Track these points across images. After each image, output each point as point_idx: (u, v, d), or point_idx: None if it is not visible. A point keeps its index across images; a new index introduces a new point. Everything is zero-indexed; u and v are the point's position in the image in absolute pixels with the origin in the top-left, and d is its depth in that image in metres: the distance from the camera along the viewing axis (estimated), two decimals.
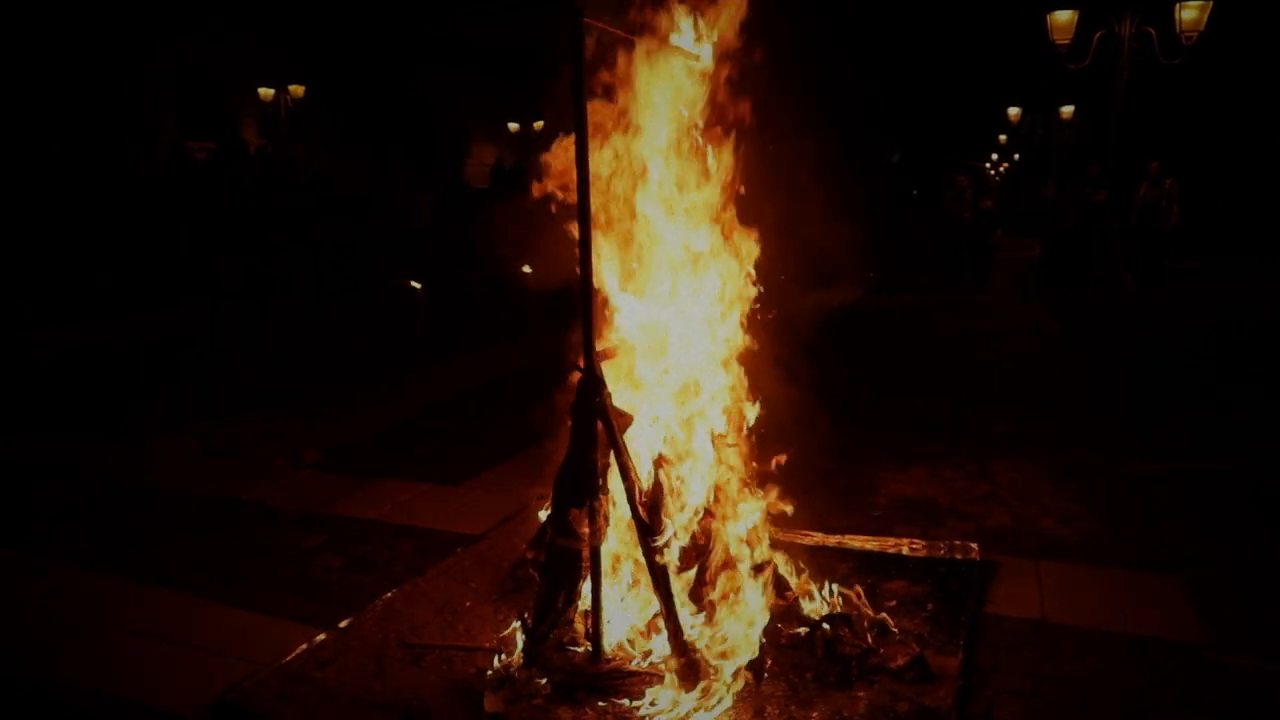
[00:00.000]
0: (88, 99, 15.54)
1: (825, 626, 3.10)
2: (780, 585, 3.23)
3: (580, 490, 2.83)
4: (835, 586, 3.41)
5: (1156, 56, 11.78)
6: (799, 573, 3.47)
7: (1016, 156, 43.81)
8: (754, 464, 3.59)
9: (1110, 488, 4.90)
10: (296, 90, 24.11)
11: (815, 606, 3.25)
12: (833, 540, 4.19)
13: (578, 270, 2.72)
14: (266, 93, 24.08)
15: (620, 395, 3.10)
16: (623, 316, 3.13)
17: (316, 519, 4.60)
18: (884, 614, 3.24)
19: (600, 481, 2.85)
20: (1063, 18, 12.07)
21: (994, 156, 45.52)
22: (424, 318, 9.00)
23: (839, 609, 3.25)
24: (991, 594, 3.68)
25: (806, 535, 4.23)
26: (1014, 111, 25.54)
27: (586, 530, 2.85)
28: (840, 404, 6.84)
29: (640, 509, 2.80)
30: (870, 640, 3.12)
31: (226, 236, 10.49)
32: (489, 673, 3.04)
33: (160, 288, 10.24)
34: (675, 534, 2.88)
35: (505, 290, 9.84)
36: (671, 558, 2.88)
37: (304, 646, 3.28)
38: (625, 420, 2.86)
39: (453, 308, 8.74)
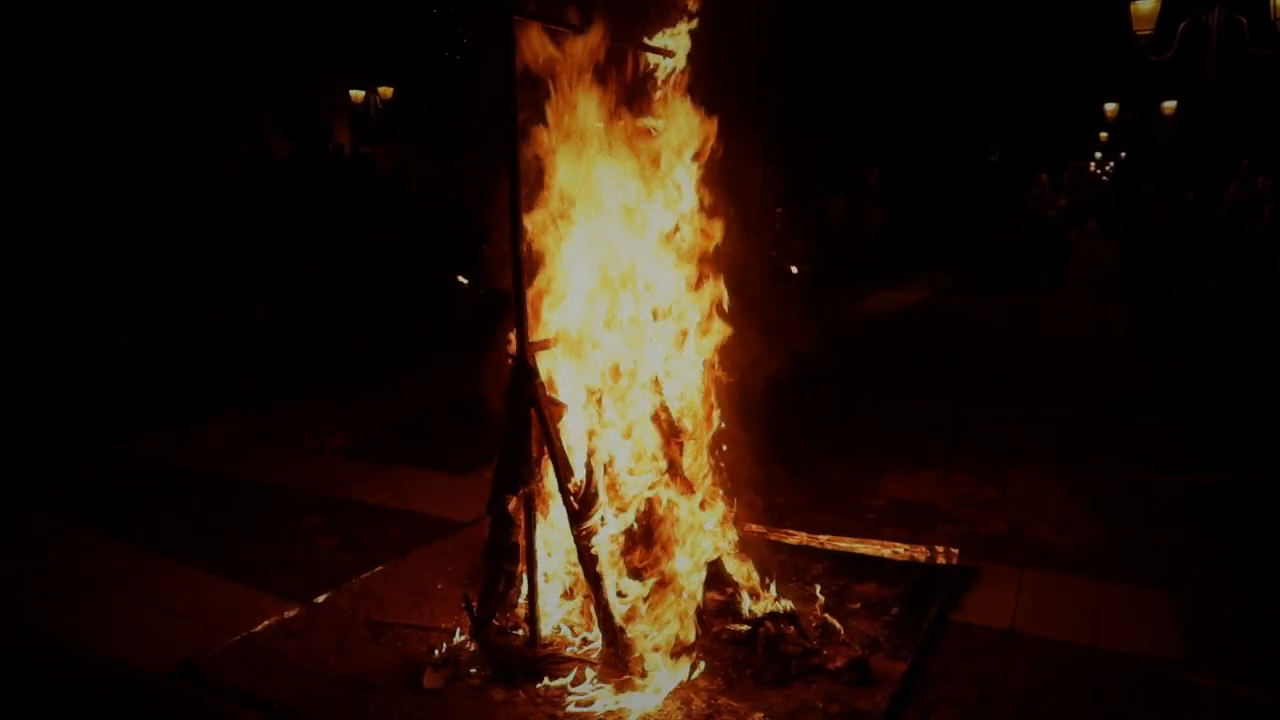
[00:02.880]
0: (186, 98, 16.45)
1: (769, 624, 3.08)
2: (723, 580, 3.22)
3: (514, 477, 2.90)
4: (780, 584, 3.38)
5: (1247, 47, 11.08)
6: (758, 569, 3.45)
7: (1123, 155, 41.89)
8: (720, 460, 3.59)
9: (1122, 498, 4.68)
10: (385, 91, 25.00)
11: (762, 604, 3.23)
12: (815, 540, 4.15)
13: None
14: (357, 94, 25.04)
15: (568, 385, 3.16)
16: (573, 305, 3.18)
17: (322, 501, 4.80)
18: (828, 614, 3.20)
19: (535, 469, 2.91)
20: (1145, 7, 11.46)
21: (1098, 155, 43.69)
22: (464, 312, 9.22)
23: (788, 608, 3.23)
24: (965, 601, 3.59)
25: (789, 534, 4.21)
26: (1110, 107, 24.39)
27: (522, 516, 2.92)
28: (860, 405, 6.77)
29: (570, 496, 2.85)
30: (815, 641, 3.10)
31: (294, 234, 10.98)
32: (436, 652, 3.14)
33: (226, 284, 10.81)
34: (604, 521, 2.91)
35: None
36: (603, 545, 2.91)
37: (273, 619, 3.45)
38: (559, 410, 2.92)
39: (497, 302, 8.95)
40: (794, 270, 8.70)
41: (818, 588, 3.54)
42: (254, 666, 3.15)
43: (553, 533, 3.14)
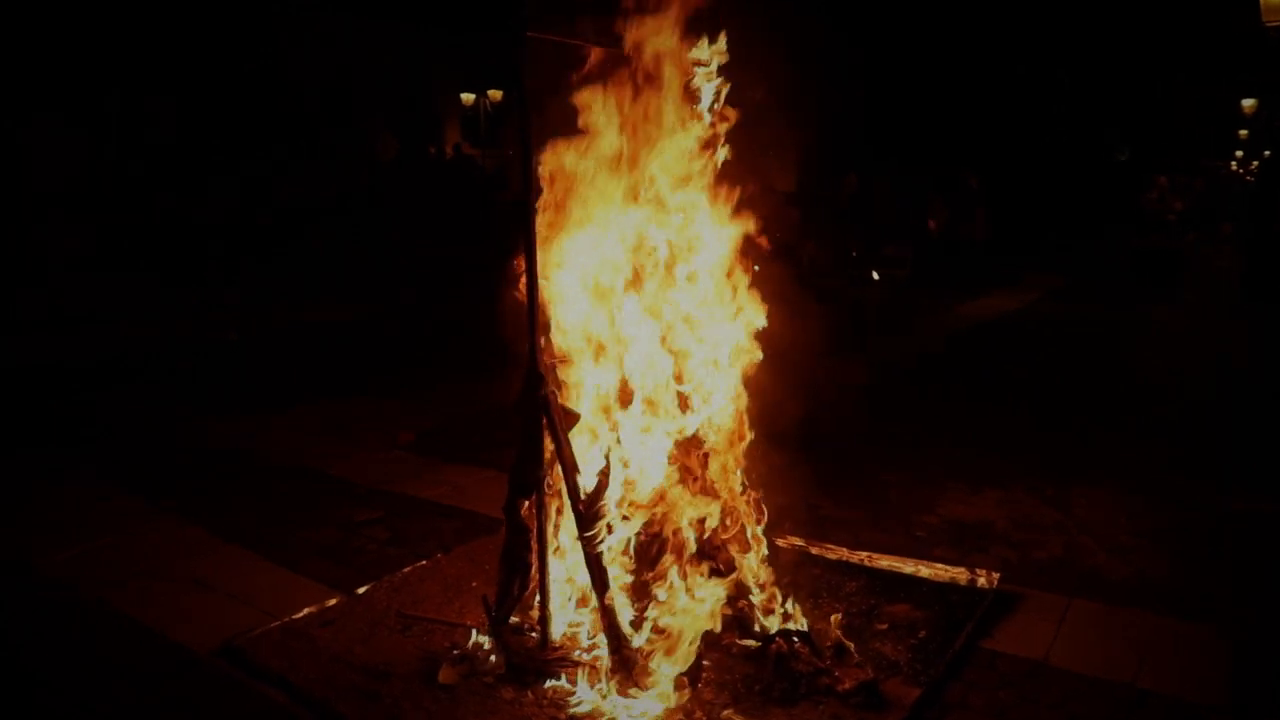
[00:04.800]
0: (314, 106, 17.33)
1: (780, 641, 3.05)
2: (740, 593, 3.20)
3: (526, 482, 2.96)
4: (807, 600, 3.33)
5: None
6: (783, 584, 3.41)
7: (1267, 153, 39.04)
8: (752, 469, 3.56)
9: (1196, 526, 4.39)
10: (495, 95, 25.71)
11: (777, 620, 3.19)
12: (854, 556, 4.06)
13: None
14: (468, 97, 25.83)
15: (585, 391, 3.21)
16: (596, 310, 3.21)
17: (379, 495, 5.00)
18: (846, 635, 3.13)
19: (545, 474, 2.96)
20: None
21: (1238, 154, 40.94)
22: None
23: (803, 625, 3.18)
24: (1000, 628, 3.44)
25: (829, 549, 4.13)
26: (1248, 103, 22.77)
27: (533, 520, 2.99)
28: (928, 416, 6.57)
29: (578, 502, 2.89)
30: (828, 661, 3.04)
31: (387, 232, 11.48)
32: (456, 649, 3.23)
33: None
34: (610, 528, 2.94)
35: None
36: (613, 552, 2.94)
37: (314, 607, 3.63)
38: (572, 418, 2.97)
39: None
40: (875, 276, 8.47)
41: (843, 606, 3.48)
42: (287, 650, 3.32)
43: (567, 537, 3.19)
